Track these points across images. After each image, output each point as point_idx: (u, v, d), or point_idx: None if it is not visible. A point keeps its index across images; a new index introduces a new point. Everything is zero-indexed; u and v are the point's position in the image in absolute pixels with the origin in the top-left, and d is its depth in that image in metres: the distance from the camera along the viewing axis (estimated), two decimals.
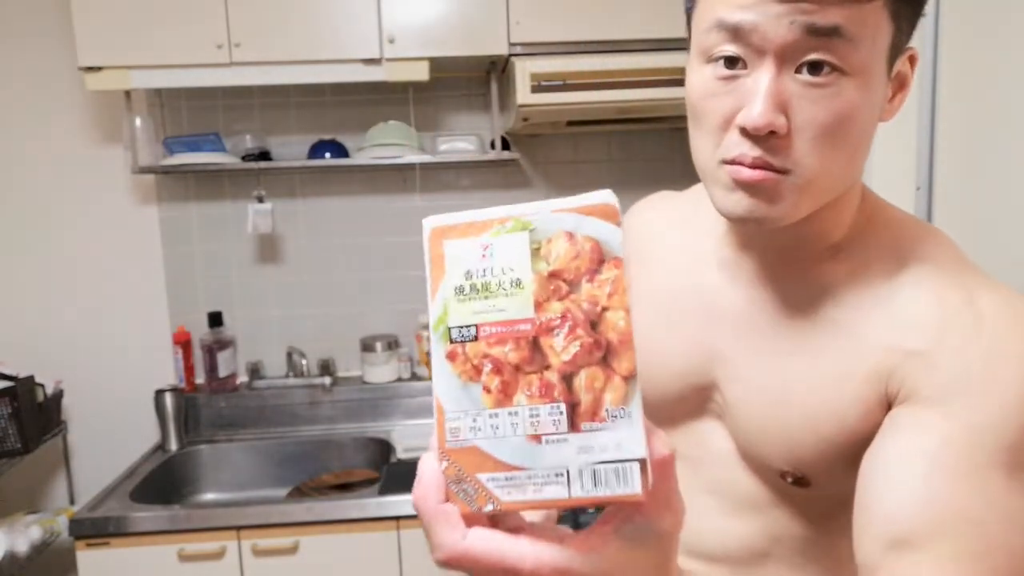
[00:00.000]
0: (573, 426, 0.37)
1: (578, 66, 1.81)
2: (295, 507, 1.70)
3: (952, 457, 0.53)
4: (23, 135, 2.11)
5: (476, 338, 0.38)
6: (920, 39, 1.34)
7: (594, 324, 0.37)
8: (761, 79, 0.56)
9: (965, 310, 0.58)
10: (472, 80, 2.18)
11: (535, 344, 0.38)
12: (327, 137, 2.14)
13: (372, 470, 2.02)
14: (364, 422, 2.20)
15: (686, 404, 0.74)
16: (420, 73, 1.86)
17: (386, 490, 1.72)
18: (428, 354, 0.41)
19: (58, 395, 2.11)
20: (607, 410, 0.36)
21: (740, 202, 0.60)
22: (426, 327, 2.21)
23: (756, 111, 0.55)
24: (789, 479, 0.67)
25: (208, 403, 2.17)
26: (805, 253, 0.67)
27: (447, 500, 0.38)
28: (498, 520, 0.39)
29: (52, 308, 2.17)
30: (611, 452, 0.36)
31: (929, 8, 1.32)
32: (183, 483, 2.03)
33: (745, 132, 0.57)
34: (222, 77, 1.84)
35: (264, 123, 2.18)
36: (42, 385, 2.03)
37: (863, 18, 0.54)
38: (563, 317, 0.37)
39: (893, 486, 0.54)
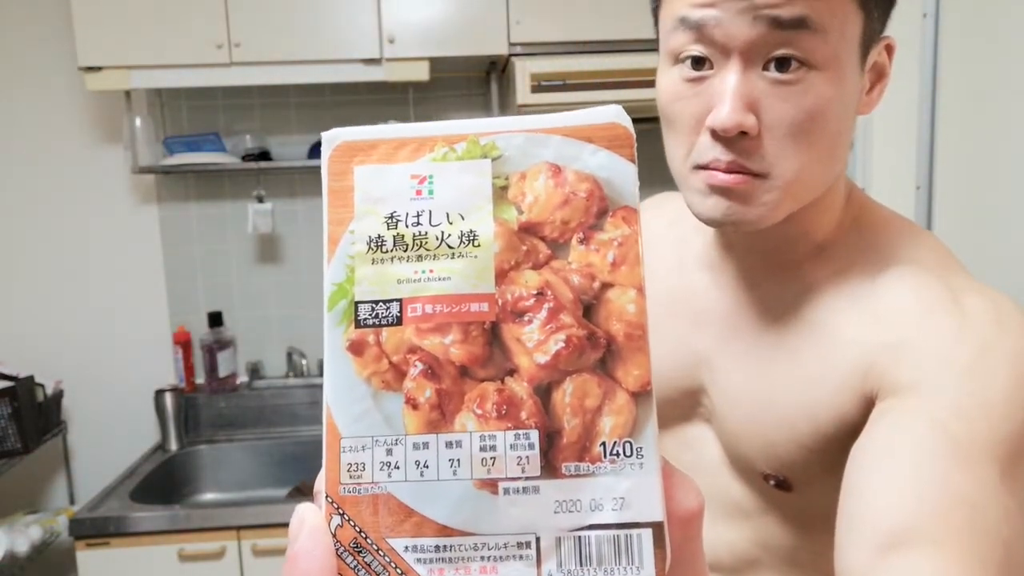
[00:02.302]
0: (550, 467, 0.24)
1: (578, 66, 1.81)
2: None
3: (944, 442, 0.50)
4: (23, 135, 2.11)
5: (401, 321, 0.25)
6: (920, 39, 1.34)
7: (589, 308, 0.25)
8: (728, 79, 0.54)
9: (949, 305, 0.56)
10: (472, 80, 2.18)
11: (495, 335, 0.25)
12: None
13: None
14: None
15: (676, 408, 0.73)
16: (420, 73, 1.86)
17: None
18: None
19: (58, 395, 2.11)
20: (604, 444, 0.24)
21: (716, 206, 0.58)
22: None
23: (724, 112, 0.54)
24: (771, 482, 0.66)
25: (208, 403, 2.17)
26: (788, 254, 0.66)
27: None
28: None
29: (52, 308, 2.17)
30: (609, 512, 0.23)
31: (929, 8, 1.32)
32: (183, 483, 2.03)
33: (716, 135, 0.56)
34: (222, 77, 1.84)
35: (264, 123, 2.17)
36: (42, 385, 2.03)
37: (830, 8, 0.52)
38: (540, 295, 0.24)
39: (882, 481, 0.51)
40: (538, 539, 0.23)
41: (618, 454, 0.24)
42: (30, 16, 2.06)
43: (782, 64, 0.53)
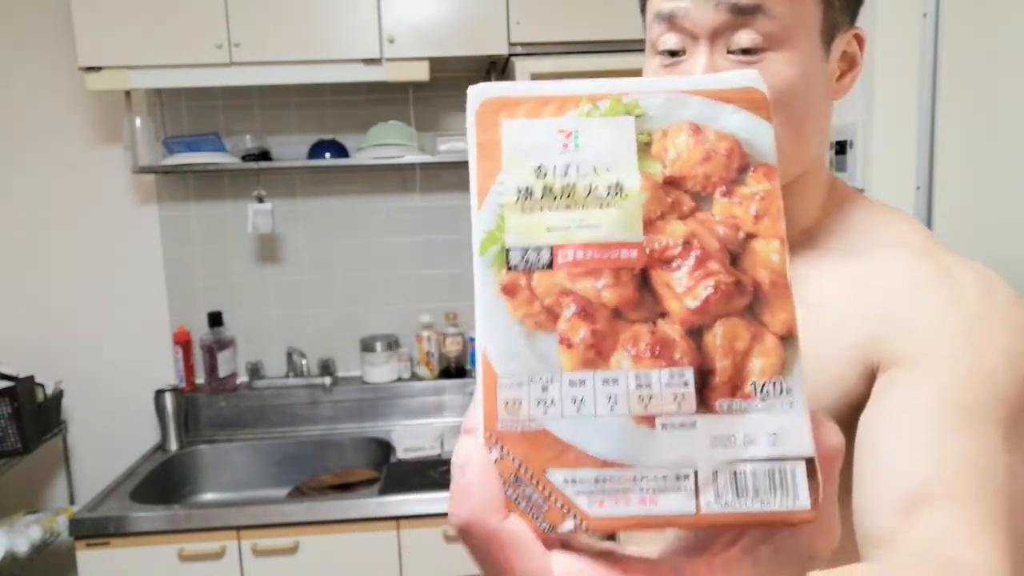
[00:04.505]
0: (704, 404, 0.25)
1: (578, 66, 1.81)
2: (295, 507, 1.70)
3: (951, 408, 0.54)
4: (23, 135, 2.11)
5: (551, 266, 0.25)
6: (920, 39, 1.34)
7: (735, 257, 0.26)
8: (698, 61, 0.60)
9: (943, 278, 0.59)
10: (472, 80, 2.18)
11: (644, 280, 0.25)
12: (327, 137, 2.14)
13: (372, 470, 2.02)
14: (364, 422, 2.20)
15: None
16: (420, 73, 1.86)
17: (386, 490, 1.72)
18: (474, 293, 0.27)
19: (58, 395, 2.11)
20: (755, 384, 0.25)
21: None
22: (427, 327, 2.21)
23: None
24: None
25: (208, 403, 2.17)
26: None
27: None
28: (571, 546, 0.25)
29: (52, 308, 2.17)
30: (763, 446, 0.24)
31: (929, 8, 1.32)
32: (183, 483, 2.03)
33: None
34: (222, 77, 1.84)
35: (264, 123, 2.18)
36: (42, 385, 2.03)
37: None
38: (687, 244, 0.26)
39: (898, 447, 0.55)
40: (696, 472, 0.24)
41: (768, 392, 0.25)
42: (30, 16, 2.07)
43: (744, 46, 0.59)
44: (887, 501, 0.53)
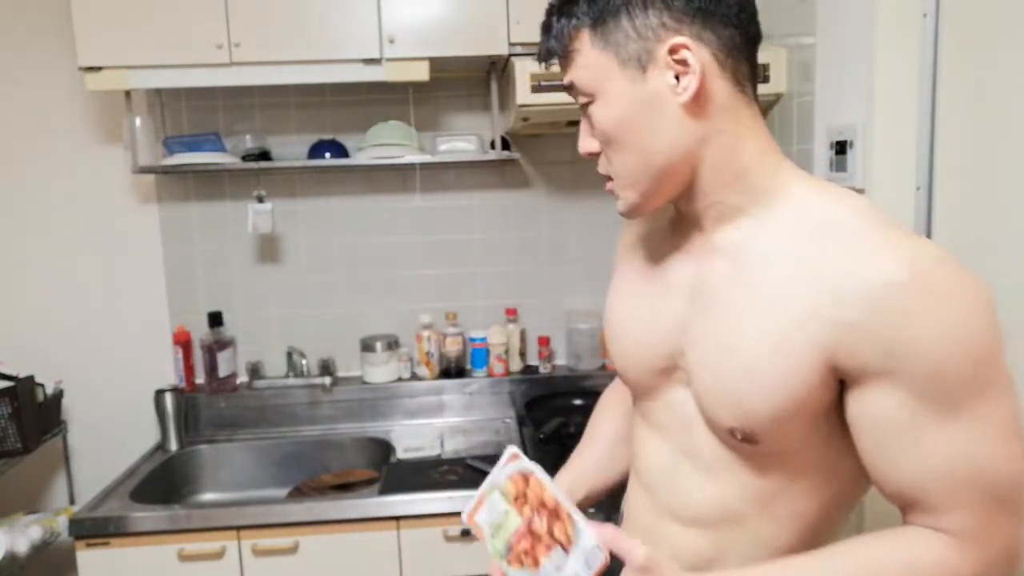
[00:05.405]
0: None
1: None
2: (295, 507, 1.70)
3: (927, 414, 0.66)
4: (23, 135, 2.11)
5: (511, 547, 0.81)
6: (920, 39, 1.34)
7: (550, 525, 0.78)
8: (583, 120, 0.81)
9: (903, 282, 0.65)
10: (472, 80, 2.18)
11: (535, 536, 0.79)
12: (327, 137, 2.14)
13: (372, 470, 2.02)
14: (364, 422, 2.20)
15: (663, 375, 0.86)
16: (420, 73, 1.86)
17: (386, 490, 1.72)
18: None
19: (58, 395, 2.11)
20: (564, 546, 0.77)
21: (616, 204, 0.82)
22: (427, 327, 2.22)
23: (579, 143, 0.82)
24: (738, 435, 0.76)
25: (208, 403, 2.17)
26: (712, 223, 0.79)
27: None
28: None
29: (52, 308, 2.17)
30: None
31: (929, 8, 1.32)
32: (183, 483, 2.03)
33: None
34: (222, 77, 1.84)
35: (264, 123, 2.18)
36: (42, 385, 2.03)
37: (577, 68, 0.78)
38: (531, 527, 0.80)
39: (890, 463, 0.69)
40: None
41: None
42: (30, 16, 2.07)
43: (582, 103, 0.79)
44: (891, 495, 0.72)
